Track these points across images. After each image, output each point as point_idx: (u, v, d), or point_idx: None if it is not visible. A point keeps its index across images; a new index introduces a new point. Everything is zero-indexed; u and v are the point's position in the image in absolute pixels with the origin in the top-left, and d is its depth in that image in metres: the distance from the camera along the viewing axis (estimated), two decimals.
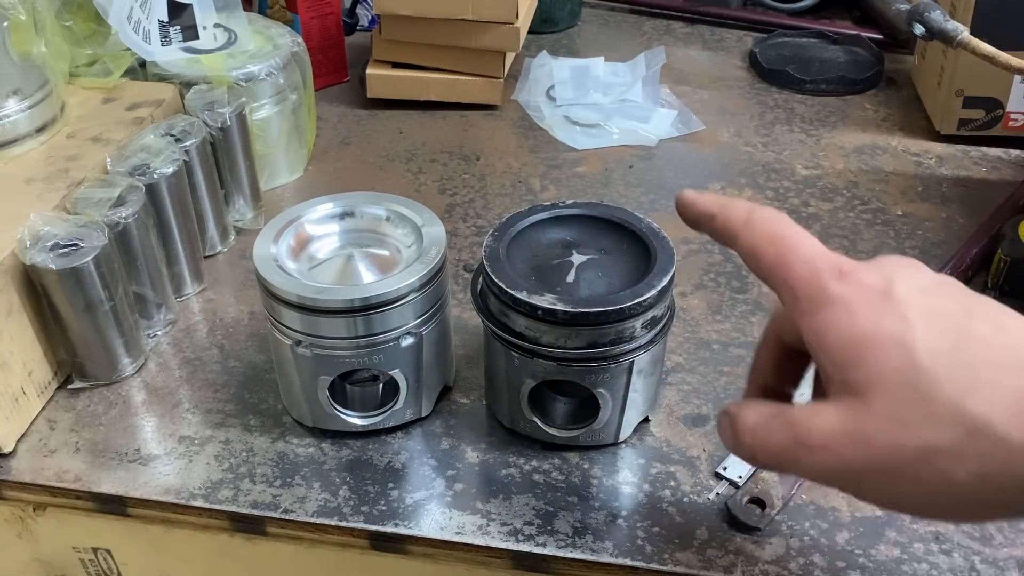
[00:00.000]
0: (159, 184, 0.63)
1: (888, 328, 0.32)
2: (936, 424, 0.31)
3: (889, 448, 0.31)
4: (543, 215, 0.56)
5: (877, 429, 0.32)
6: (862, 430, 0.32)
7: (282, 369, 0.55)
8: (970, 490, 0.31)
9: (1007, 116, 0.85)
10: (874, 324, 0.33)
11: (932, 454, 0.31)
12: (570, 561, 0.49)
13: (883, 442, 0.32)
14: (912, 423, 0.31)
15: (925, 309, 0.33)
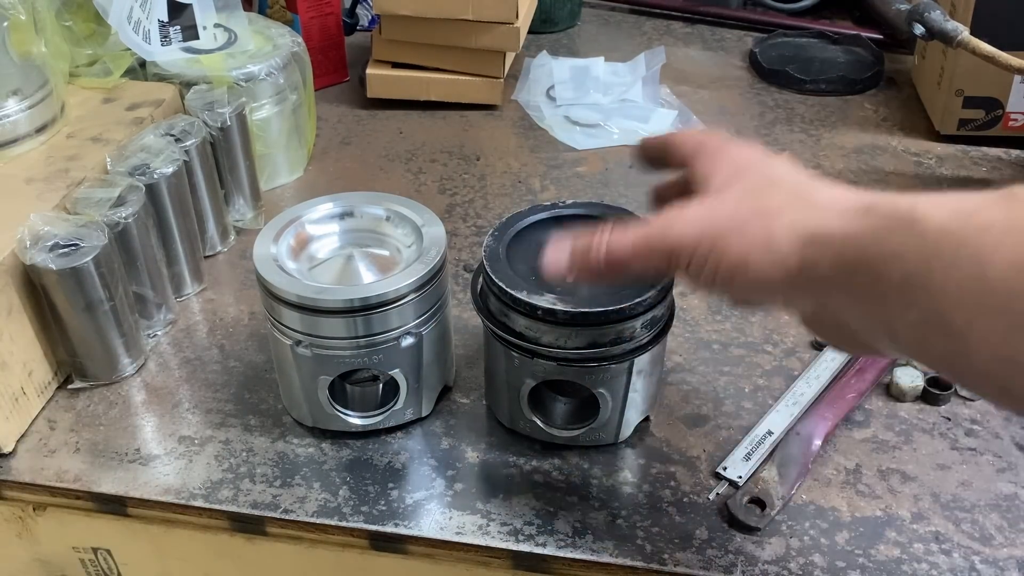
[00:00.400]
0: (159, 184, 0.63)
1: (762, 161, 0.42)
2: (772, 194, 0.39)
3: (730, 210, 0.39)
4: (543, 215, 0.56)
5: (726, 199, 0.40)
6: (713, 201, 0.40)
7: (282, 369, 0.55)
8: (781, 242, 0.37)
9: (1007, 116, 0.85)
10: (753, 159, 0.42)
11: (761, 212, 0.38)
12: (570, 561, 0.49)
13: (726, 207, 0.39)
14: (754, 194, 0.40)
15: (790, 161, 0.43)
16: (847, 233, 0.35)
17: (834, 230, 0.35)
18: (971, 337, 0.30)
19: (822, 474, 0.53)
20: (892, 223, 0.33)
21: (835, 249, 0.35)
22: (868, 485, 0.52)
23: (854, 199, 0.37)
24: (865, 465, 0.54)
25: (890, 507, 0.51)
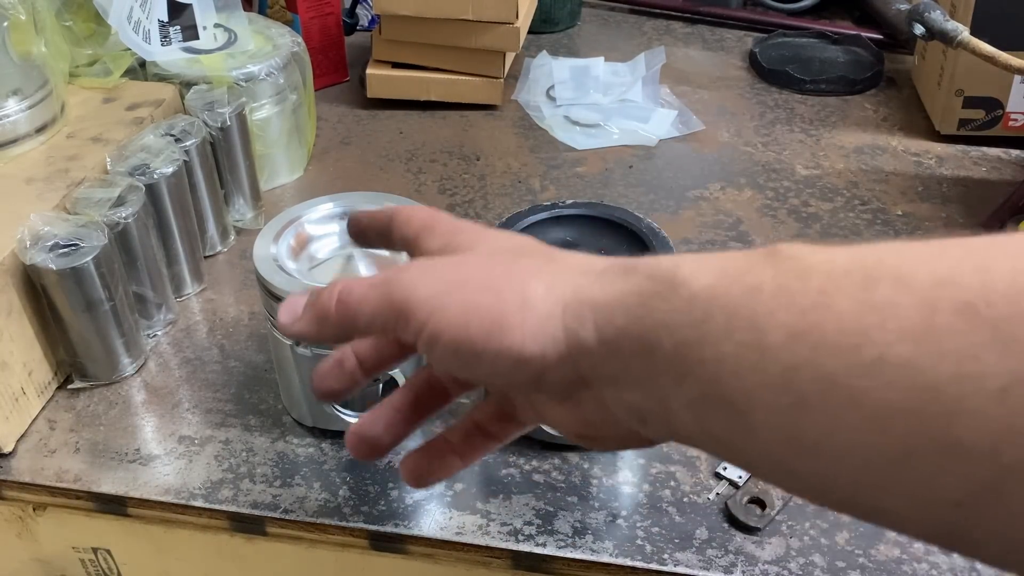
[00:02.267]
0: (159, 184, 0.63)
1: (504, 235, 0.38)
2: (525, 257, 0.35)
3: (479, 267, 0.34)
4: (543, 215, 0.56)
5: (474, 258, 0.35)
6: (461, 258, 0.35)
7: (282, 369, 0.55)
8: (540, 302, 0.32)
9: (1007, 116, 0.85)
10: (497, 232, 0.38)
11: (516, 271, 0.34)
12: (570, 561, 0.49)
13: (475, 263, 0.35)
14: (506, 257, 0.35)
15: None
16: (609, 298, 0.31)
17: (595, 294, 0.31)
18: (753, 414, 0.27)
19: None
20: (656, 286, 0.30)
21: (598, 316, 0.31)
22: None
23: (611, 262, 0.33)
24: None
25: None
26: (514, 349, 0.32)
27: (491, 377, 0.35)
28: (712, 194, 0.80)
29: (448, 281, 0.33)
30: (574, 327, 0.31)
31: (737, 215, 0.77)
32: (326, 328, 0.36)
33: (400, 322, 0.33)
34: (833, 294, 0.26)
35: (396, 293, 0.34)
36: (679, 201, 0.79)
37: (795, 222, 0.76)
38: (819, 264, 0.27)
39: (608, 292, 0.31)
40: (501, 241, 0.37)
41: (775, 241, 0.34)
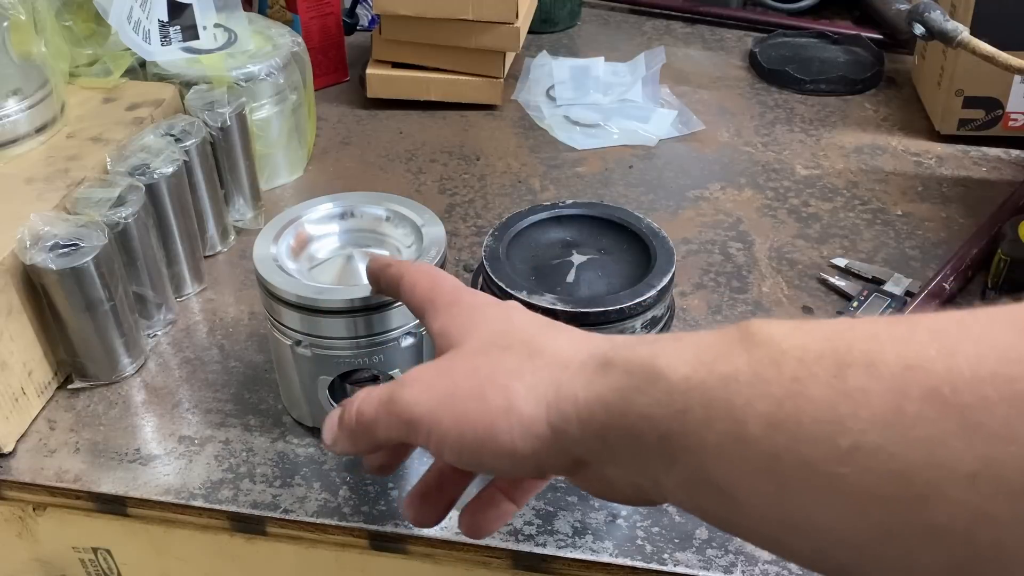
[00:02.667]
0: (159, 184, 0.63)
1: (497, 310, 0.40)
2: (507, 352, 0.36)
3: (466, 371, 0.36)
4: (543, 215, 0.56)
5: (461, 358, 0.37)
6: (449, 362, 0.38)
7: (282, 369, 0.55)
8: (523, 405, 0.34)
9: (1007, 116, 0.85)
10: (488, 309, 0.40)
11: (498, 372, 0.35)
12: (570, 561, 0.49)
13: (462, 367, 0.37)
14: (489, 352, 0.37)
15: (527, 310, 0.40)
16: (590, 396, 0.32)
17: (577, 392, 0.33)
18: (740, 497, 0.28)
19: None
20: (635, 380, 0.31)
21: (581, 413, 0.32)
22: None
23: (589, 349, 0.34)
24: None
25: None
26: (507, 451, 0.34)
27: (497, 472, 0.39)
28: (712, 194, 0.80)
29: (440, 393, 0.36)
30: (560, 425, 0.33)
31: (737, 215, 0.77)
32: (359, 444, 0.40)
33: (410, 435, 0.37)
34: (807, 381, 0.27)
35: (401, 413, 0.37)
36: (679, 201, 0.79)
37: (795, 222, 0.76)
38: (792, 350, 0.28)
39: (589, 389, 0.32)
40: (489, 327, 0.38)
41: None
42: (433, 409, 0.36)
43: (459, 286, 0.42)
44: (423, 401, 0.36)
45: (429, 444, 0.36)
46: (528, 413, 0.34)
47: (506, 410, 0.34)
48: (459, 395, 0.35)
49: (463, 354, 0.37)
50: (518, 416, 0.34)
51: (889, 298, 0.66)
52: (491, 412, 0.34)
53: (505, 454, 0.34)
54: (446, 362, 0.38)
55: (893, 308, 0.65)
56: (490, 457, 0.35)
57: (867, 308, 0.65)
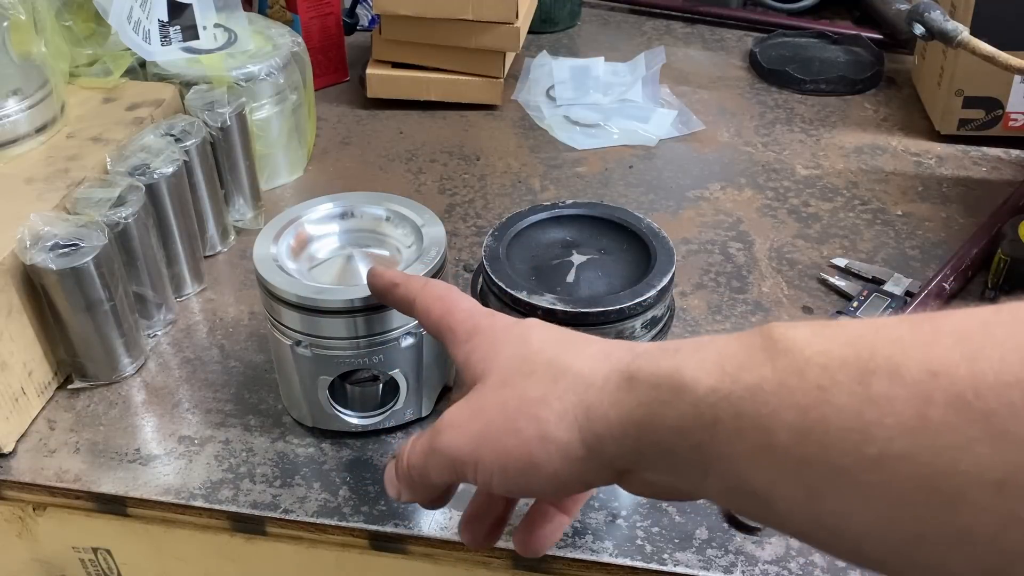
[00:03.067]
0: (159, 184, 0.63)
1: (515, 333, 0.40)
2: (531, 378, 0.36)
3: (496, 406, 0.36)
4: (543, 215, 0.56)
5: (489, 393, 0.37)
6: (479, 400, 0.38)
7: (282, 369, 0.55)
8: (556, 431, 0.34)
9: (1007, 116, 0.85)
10: (506, 333, 0.40)
11: (527, 402, 0.35)
12: (570, 561, 0.49)
13: (492, 402, 0.37)
14: (514, 382, 0.37)
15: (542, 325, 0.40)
16: (621, 413, 0.33)
17: (607, 412, 0.33)
18: (776, 503, 0.29)
19: None
20: (661, 395, 0.31)
21: (615, 432, 0.33)
22: None
23: (611, 364, 0.34)
24: None
25: None
26: (551, 477, 0.35)
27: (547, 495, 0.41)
28: (712, 194, 0.80)
29: (476, 432, 0.37)
30: (596, 445, 0.34)
31: (737, 215, 0.77)
32: (419, 492, 0.41)
33: (459, 476, 0.38)
34: (831, 389, 0.27)
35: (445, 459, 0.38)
36: (679, 201, 0.79)
37: (795, 222, 0.76)
38: (815, 357, 0.28)
39: (618, 408, 0.33)
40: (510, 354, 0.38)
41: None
42: (474, 449, 0.36)
43: (474, 310, 0.42)
44: (462, 444, 0.37)
45: (478, 481, 0.37)
46: (563, 438, 0.34)
47: (541, 439, 0.34)
48: (493, 432, 0.36)
49: (489, 389, 0.38)
50: (555, 443, 0.34)
51: (889, 298, 0.66)
52: (528, 443, 0.35)
53: (549, 479, 0.35)
54: (476, 400, 0.38)
55: (893, 308, 0.65)
56: (536, 484, 0.36)
57: (867, 308, 0.65)
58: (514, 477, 0.36)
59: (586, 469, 0.34)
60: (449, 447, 0.37)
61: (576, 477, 0.35)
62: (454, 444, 0.37)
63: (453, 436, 0.37)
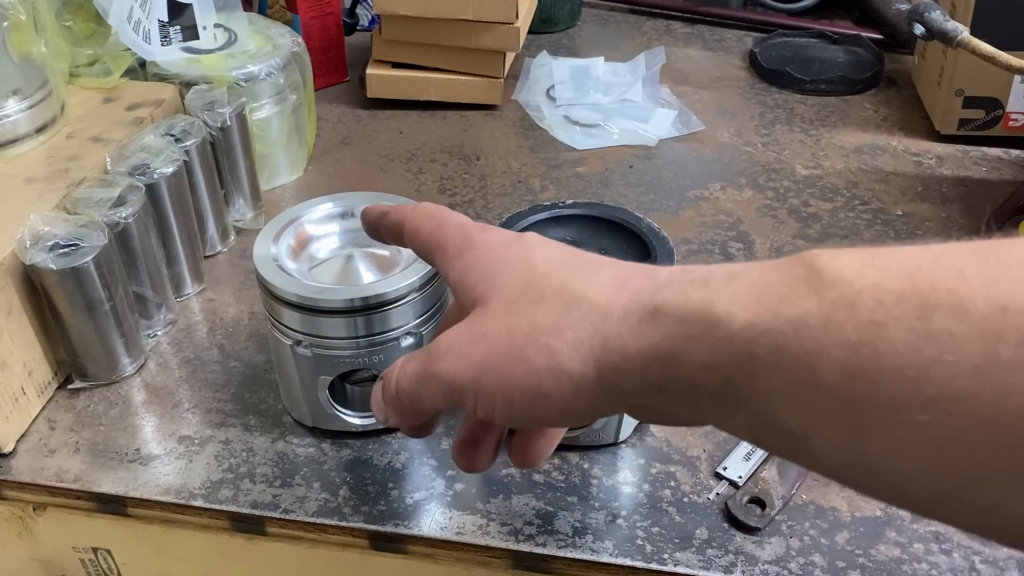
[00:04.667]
0: (159, 184, 0.63)
1: (515, 251, 0.37)
2: (540, 305, 0.34)
3: (501, 334, 0.34)
4: (543, 215, 0.56)
5: (492, 319, 0.35)
6: (481, 324, 0.35)
7: (282, 369, 0.55)
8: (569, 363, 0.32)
9: (1007, 116, 0.85)
10: (505, 251, 0.37)
11: (536, 330, 0.33)
12: (570, 561, 0.49)
13: (496, 329, 0.34)
14: (521, 308, 0.34)
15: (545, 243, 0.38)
16: (642, 347, 0.30)
17: (627, 345, 0.31)
18: (813, 442, 0.27)
19: None
20: (691, 329, 0.29)
21: (635, 366, 0.31)
22: None
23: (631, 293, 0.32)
24: None
25: (890, 507, 0.51)
26: (560, 408, 0.33)
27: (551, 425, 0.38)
28: (712, 194, 0.80)
29: (479, 360, 0.34)
30: (613, 379, 0.31)
31: (737, 215, 0.77)
32: (408, 417, 0.39)
33: (457, 402, 0.35)
34: (887, 325, 0.25)
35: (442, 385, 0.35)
36: (679, 201, 0.79)
37: (795, 222, 0.76)
38: (867, 290, 0.26)
39: (640, 341, 0.30)
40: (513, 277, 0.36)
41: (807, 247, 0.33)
42: (475, 377, 0.34)
43: (466, 224, 0.40)
44: (462, 371, 0.35)
45: (477, 410, 0.35)
46: (576, 370, 0.32)
47: (552, 370, 0.32)
48: (498, 361, 0.34)
49: (492, 314, 0.35)
50: (567, 376, 0.32)
51: None
52: (537, 374, 0.33)
53: (557, 411, 0.33)
54: (476, 326, 0.35)
55: None
56: (543, 415, 0.34)
57: None
58: (519, 407, 0.34)
59: (598, 401, 0.33)
60: (447, 373, 0.35)
61: (586, 408, 0.33)
62: (453, 370, 0.35)
63: (452, 362, 0.35)
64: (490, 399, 0.34)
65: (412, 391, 0.37)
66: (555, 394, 0.33)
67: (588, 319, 0.32)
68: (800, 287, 0.27)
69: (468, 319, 0.36)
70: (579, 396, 0.32)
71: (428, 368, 0.36)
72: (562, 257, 0.36)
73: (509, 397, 0.34)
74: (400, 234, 0.42)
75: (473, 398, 0.35)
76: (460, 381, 0.35)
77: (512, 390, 0.33)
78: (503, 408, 0.34)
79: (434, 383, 0.36)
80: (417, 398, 0.37)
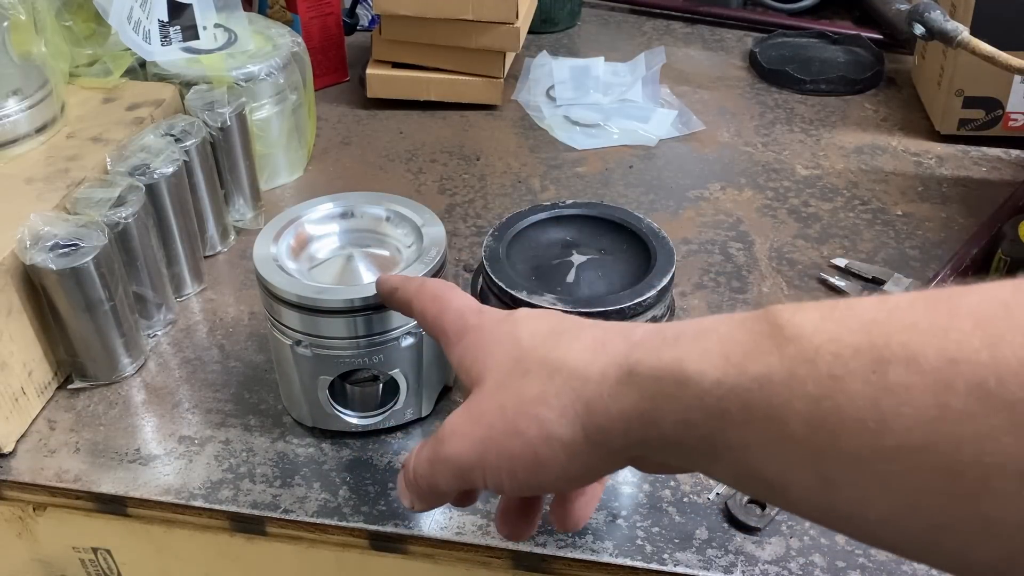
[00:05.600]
0: (159, 184, 0.63)
1: (505, 330, 0.39)
2: (527, 378, 0.36)
3: (495, 410, 0.36)
4: (543, 215, 0.56)
5: (487, 398, 0.37)
6: (478, 405, 0.37)
7: (282, 369, 0.55)
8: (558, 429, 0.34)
9: (1007, 116, 0.85)
10: (496, 330, 0.39)
11: (525, 402, 0.35)
12: (570, 561, 0.49)
13: (491, 407, 0.36)
14: (510, 384, 0.36)
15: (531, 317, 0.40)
16: (623, 408, 0.32)
17: (608, 407, 0.32)
18: (788, 491, 0.28)
19: None
20: (664, 388, 0.30)
21: (617, 427, 0.32)
22: None
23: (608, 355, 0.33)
24: None
25: None
26: (560, 474, 0.35)
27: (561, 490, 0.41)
28: (712, 194, 0.80)
29: (479, 439, 0.36)
30: (600, 440, 0.33)
31: (737, 215, 0.77)
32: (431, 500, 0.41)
33: (468, 482, 0.38)
34: (845, 379, 0.26)
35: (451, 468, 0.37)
36: (679, 201, 0.79)
37: (795, 222, 0.76)
38: (826, 345, 0.27)
39: (619, 403, 0.32)
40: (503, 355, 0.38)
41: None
42: (480, 455, 0.36)
43: (464, 309, 0.42)
44: (466, 451, 0.37)
45: (488, 485, 0.37)
46: (566, 436, 0.34)
47: (544, 439, 0.34)
48: (496, 436, 0.36)
49: (487, 392, 0.37)
50: (559, 441, 0.34)
51: None
52: (532, 444, 0.34)
53: (558, 475, 0.35)
54: (475, 405, 0.38)
55: None
56: (547, 481, 0.35)
57: None
58: (523, 478, 0.35)
59: (593, 461, 0.34)
60: (453, 456, 0.37)
61: (585, 470, 0.35)
62: (457, 452, 0.37)
63: (456, 444, 0.37)
64: (495, 474, 0.36)
65: (428, 476, 0.39)
66: (552, 461, 0.34)
67: (569, 385, 0.34)
68: (764, 343, 0.28)
69: (467, 400, 0.38)
70: (574, 459, 0.34)
71: (437, 452, 0.38)
72: (546, 329, 0.38)
73: (512, 470, 0.35)
74: (410, 313, 0.46)
75: (481, 475, 0.37)
76: (466, 461, 0.37)
77: (513, 462, 0.35)
78: (509, 480, 0.36)
79: (444, 466, 0.38)
80: (434, 482, 0.39)
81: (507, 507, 0.43)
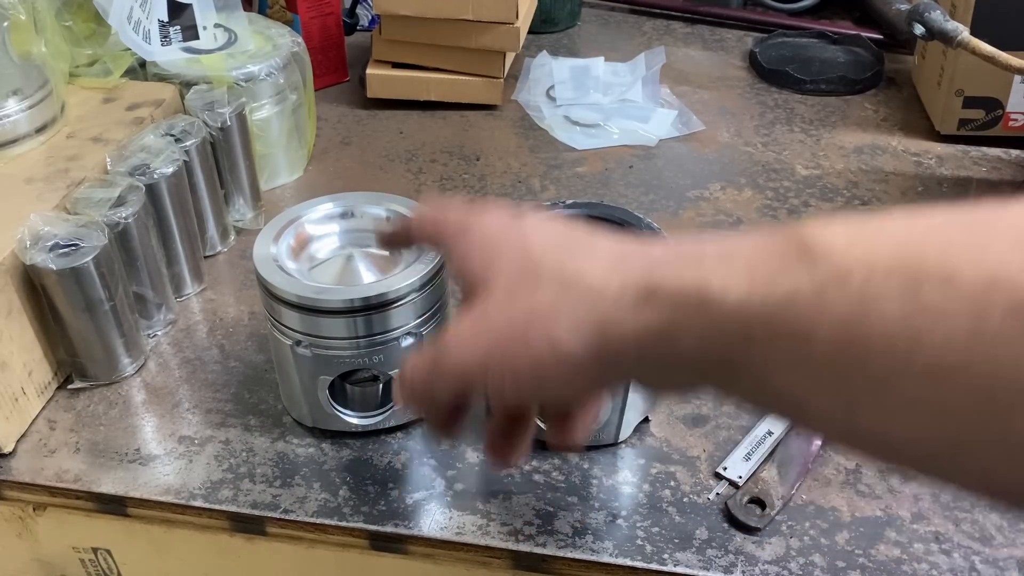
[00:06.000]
0: (159, 184, 0.63)
1: (512, 236, 0.38)
2: (538, 288, 0.34)
3: (503, 321, 0.35)
4: None
5: (494, 307, 0.36)
6: (483, 312, 0.36)
7: (282, 369, 0.55)
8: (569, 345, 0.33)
9: (1007, 116, 0.85)
10: (501, 235, 0.38)
11: (536, 314, 0.34)
12: (570, 561, 0.49)
13: (498, 317, 0.35)
14: (520, 294, 0.35)
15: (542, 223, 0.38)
16: (639, 328, 0.31)
17: (624, 327, 0.31)
18: (808, 409, 0.28)
19: (822, 474, 0.53)
20: (687, 308, 0.29)
21: (631, 347, 0.31)
22: (868, 485, 0.52)
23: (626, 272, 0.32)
24: (865, 465, 0.54)
25: (890, 507, 0.51)
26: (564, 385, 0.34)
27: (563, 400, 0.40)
28: (712, 194, 0.80)
29: (484, 346, 0.35)
30: (612, 359, 0.32)
31: (737, 215, 0.77)
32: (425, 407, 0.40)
33: (468, 388, 0.37)
34: (877, 300, 0.25)
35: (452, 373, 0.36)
36: (679, 201, 0.79)
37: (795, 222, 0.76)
38: (857, 264, 0.26)
39: (637, 322, 0.31)
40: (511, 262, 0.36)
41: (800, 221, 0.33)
42: (482, 364, 0.35)
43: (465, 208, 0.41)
44: (469, 358, 0.36)
45: (489, 395, 0.36)
46: (577, 352, 0.33)
47: (553, 352, 0.33)
48: (502, 345, 0.35)
49: (493, 301, 0.36)
50: (568, 356, 0.33)
51: None
52: (539, 355, 0.33)
53: (562, 387, 0.34)
54: (480, 314, 0.36)
55: None
56: (550, 392, 0.35)
57: None
58: (526, 387, 0.35)
59: (601, 376, 0.34)
60: (455, 363, 0.36)
61: (590, 383, 0.35)
62: (460, 359, 0.36)
63: (459, 352, 0.36)
64: (498, 382, 0.35)
65: (425, 381, 0.38)
66: (557, 372, 0.33)
67: (584, 300, 0.33)
68: (791, 263, 0.27)
69: (472, 308, 0.37)
70: (581, 373, 0.33)
71: (437, 359, 0.37)
72: (557, 238, 0.37)
73: (516, 379, 0.34)
74: (409, 236, 0.45)
75: (482, 382, 0.36)
76: (468, 367, 0.36)
77: (518, 372, 0.34)
78: (512, 387, 0.35)
79: (445, 371, 0.37)
80: (431, 389, 0.38)
81: (495, 430, 0.42)
